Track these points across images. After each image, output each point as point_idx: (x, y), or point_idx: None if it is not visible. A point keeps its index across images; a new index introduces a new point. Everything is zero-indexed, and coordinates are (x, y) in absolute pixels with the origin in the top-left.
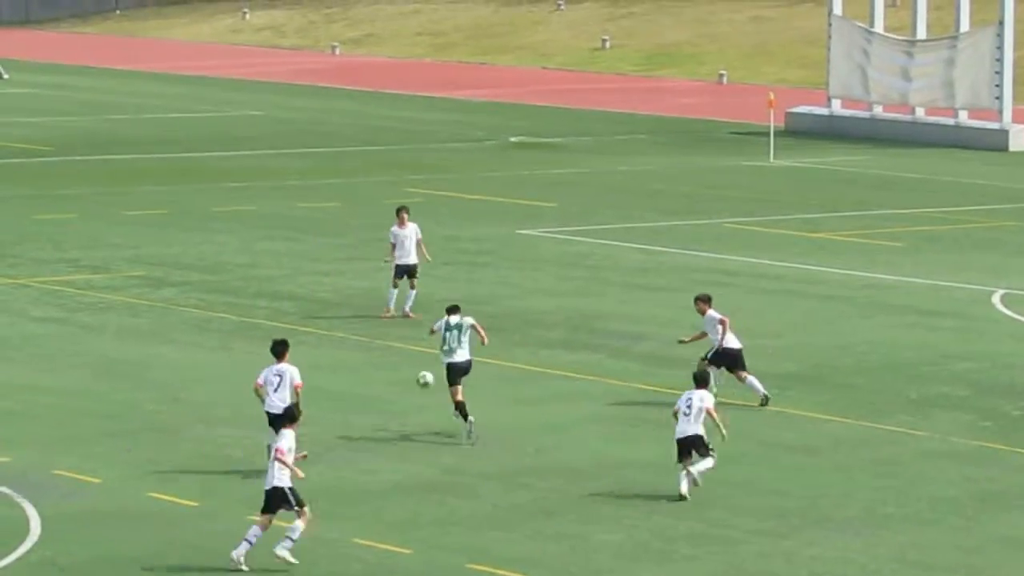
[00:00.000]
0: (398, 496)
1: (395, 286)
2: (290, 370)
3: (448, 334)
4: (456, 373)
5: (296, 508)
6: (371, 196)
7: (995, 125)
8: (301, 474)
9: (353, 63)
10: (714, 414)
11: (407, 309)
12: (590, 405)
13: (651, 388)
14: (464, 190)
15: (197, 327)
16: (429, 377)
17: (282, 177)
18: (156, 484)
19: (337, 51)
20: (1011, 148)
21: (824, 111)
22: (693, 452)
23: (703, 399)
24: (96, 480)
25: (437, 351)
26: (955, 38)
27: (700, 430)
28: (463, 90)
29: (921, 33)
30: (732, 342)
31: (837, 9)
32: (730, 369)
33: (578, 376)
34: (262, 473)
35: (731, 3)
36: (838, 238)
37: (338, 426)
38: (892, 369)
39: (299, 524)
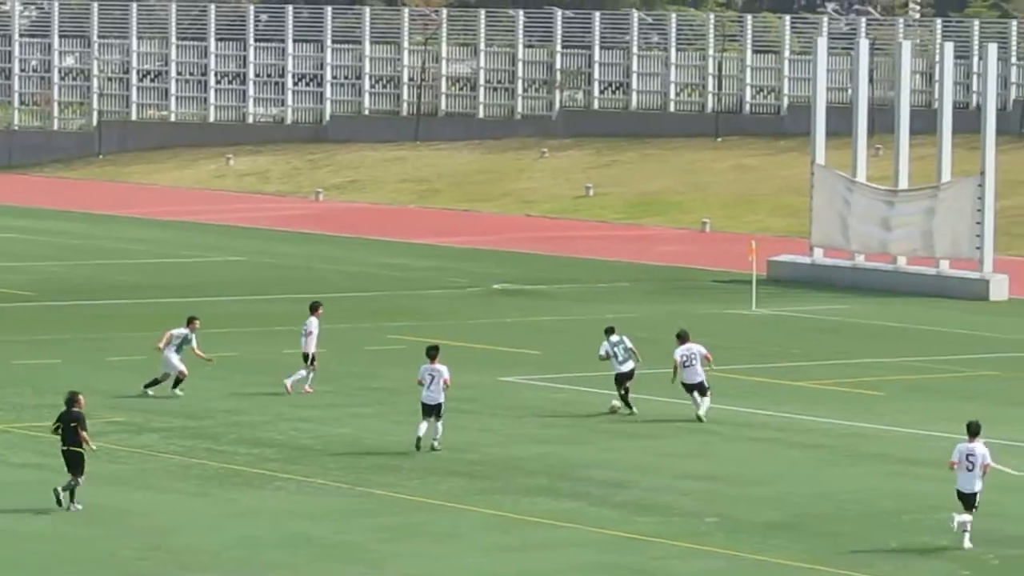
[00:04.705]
0: None
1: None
2: (442, 369)
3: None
4: None
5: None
6: (354, 343)
7: (976, 275)
8: None
9: (337, 209)
10: (989, 468)
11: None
12: (572, 553)
13: (631, 536)
14: (447, 337)
15: (177, 473)
16: None
17: (265, 323)
18: None
19: (321, 197)
20: (991, 298)
21: (806, 260)
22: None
23: (985, 456)
24: None
25: None
26: (936, 188)
27: (981, 485)
28: (446, 237)
29: (903, 183)
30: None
31: (820, 158)
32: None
33: (560, 524)
34: None
35: (715, 152)
36: (820, 387)
37: (320, 574)
38: (873, 517)
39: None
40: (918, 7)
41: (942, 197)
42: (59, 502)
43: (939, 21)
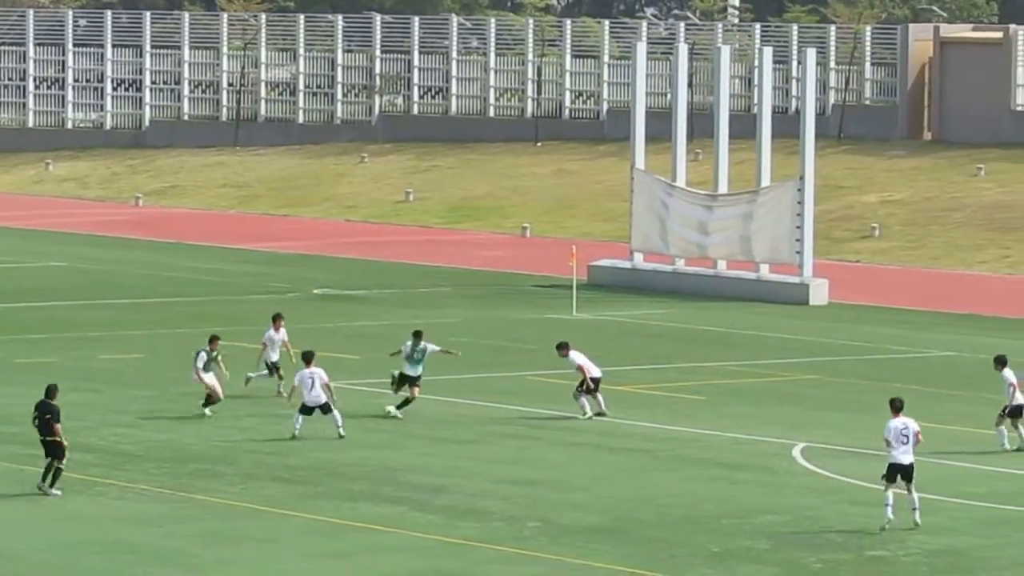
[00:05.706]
0: None
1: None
2: (319, 371)
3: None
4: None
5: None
6: (174, 348)
7: (795, 279)
8: None
9: (156, 214)
10: (920, 438)
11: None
12: (394, 558)
13: (453, 541)
14: None
15: None
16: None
17: (84, 328)
18: None
19: (140, 202)
20: (811, 302)
21: (626, 264)
22: (900, 478)
23: (914, 427)
24: None
25: None
26: (756, 193)
27: (912, 458)
28: (266, 242)
29: (723, 187)
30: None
31: (640, 163)
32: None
33: (382, 529)
34: None
35: (534, 157)
36: (641, 391)
37: None
38: (694, 522)
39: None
40: (737, 12)
41: (761, 201)
42: (45, 492)
43: (758, 26)
